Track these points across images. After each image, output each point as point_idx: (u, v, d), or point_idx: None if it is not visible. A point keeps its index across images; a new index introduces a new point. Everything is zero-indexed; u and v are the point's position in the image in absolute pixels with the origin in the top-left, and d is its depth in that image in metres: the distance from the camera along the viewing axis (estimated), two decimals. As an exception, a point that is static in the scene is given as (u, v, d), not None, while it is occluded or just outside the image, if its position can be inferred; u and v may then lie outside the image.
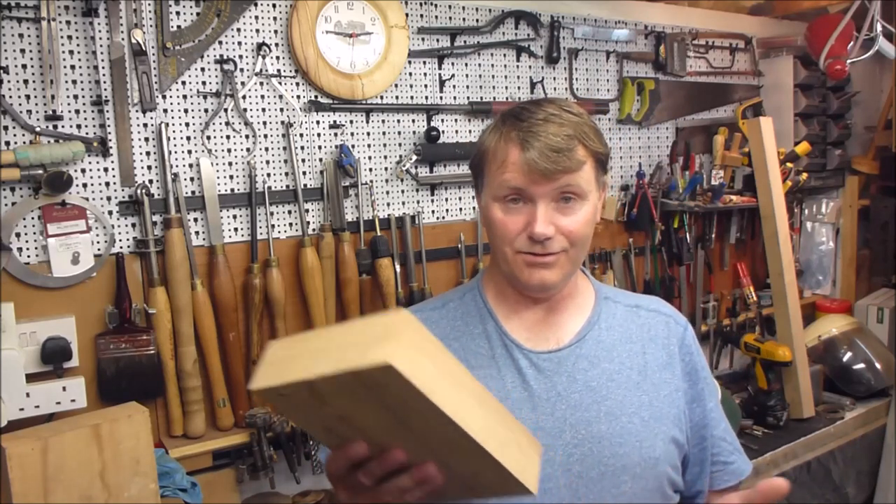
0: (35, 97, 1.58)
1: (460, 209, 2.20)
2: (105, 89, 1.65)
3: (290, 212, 1.92)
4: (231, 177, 1.83)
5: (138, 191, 1.70)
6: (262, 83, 1.86)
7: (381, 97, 2.02)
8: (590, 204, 1.05)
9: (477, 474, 0.83)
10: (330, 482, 0.88)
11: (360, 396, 0.73)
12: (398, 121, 2.07)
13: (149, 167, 1.73)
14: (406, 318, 0.74)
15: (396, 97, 2.06)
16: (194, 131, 1.78)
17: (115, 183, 1.69)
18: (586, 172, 1.03)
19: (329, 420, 0.80)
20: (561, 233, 1.02)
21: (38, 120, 1.59)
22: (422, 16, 2.08)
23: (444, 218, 2.17)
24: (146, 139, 1.72)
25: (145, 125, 1.72)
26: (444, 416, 0.73)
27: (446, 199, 2.17)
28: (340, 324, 0.81)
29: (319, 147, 1.95)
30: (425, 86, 2.11)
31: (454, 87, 2.16)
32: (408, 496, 0.82)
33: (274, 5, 1.85)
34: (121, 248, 1.70)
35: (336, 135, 1.97)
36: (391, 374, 0.68)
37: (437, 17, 2.10)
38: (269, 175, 1.88)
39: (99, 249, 1.67)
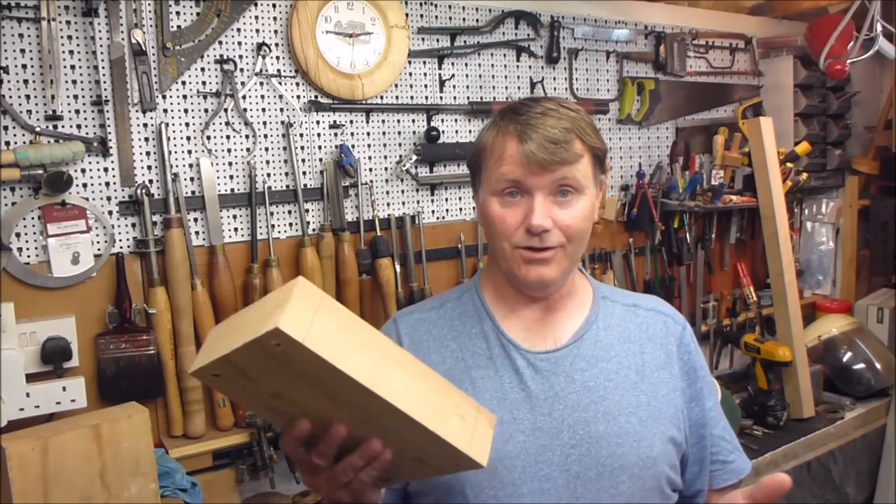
0: (35, 97, 1.58)
1: (460, 209, 2.20)
2: (105, 89, 1.65)
3: (290, 212, 1.92)
4: (231, 177, 1.83)
5: (138, 191, 1.70)
6: (262, 83, 1.86)
7: (381, 97, 2.02)
8: (587, 199, 1.05)
9: (422, 448, 0.82)
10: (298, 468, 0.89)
11: (274, 368, 0.74)
12: (398, 121, 2.07)
13: (149, 167, 1.73)
14: (303, 284, 0.75)
15: (396, 97, 2.06)
16: (194, 131, 1.78)
17: (115, 183, 1.69)
18: (583, 166, 1.04)
19: (267, 398, 0.80)
20: (558, 227, 1.02)
21: (38, 120, 1.59)
22: (422, 16, 2.08)
23: (444, 218, 2.17)
24: (146, 139, 1.72)
25: (145, 125, 1.72)
26: (354, 383, 0.73)
27: (446, 199, 2.17)
28: (262, 298, 0.82)
29: (319, 147, 1.95)
30: (425, 86, 2.11)
31: (454, 87, 2.16)
32: (363, 475, 0.84)
33: (274, 5, 1.85)
34: (121, 248, 1.70)
35: (336, 135, 1.97)
36: (282, 337, 0.69)
37: (437, 17, 2.10)
38: (269, 175, 1.88)
39: (99, 249, 1.67)
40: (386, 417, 0.77)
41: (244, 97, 1.83)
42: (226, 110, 1.81)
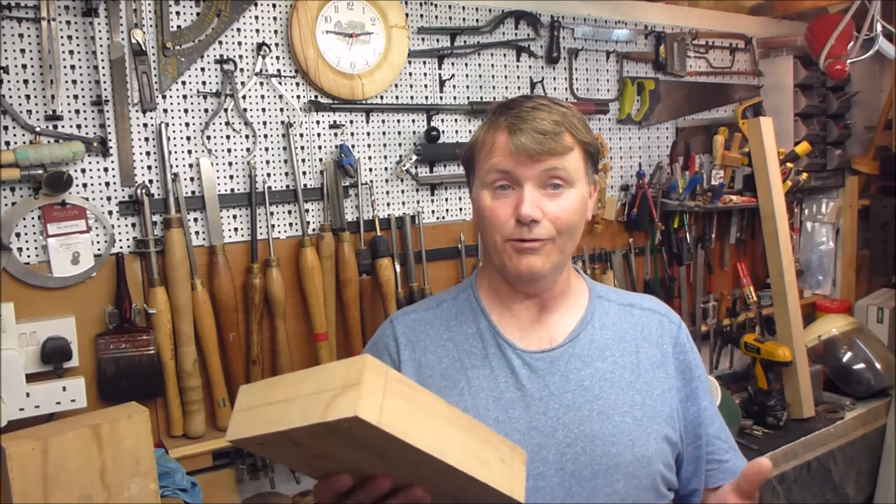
0: (35, 97, 1.58)
1: (460, 209, 2.20)
2: (105, 89, 1.65)
3: (290, 212, 1.92)
4: (231, 177, 1.83)
5: (138, 191, 1.70)
6: (262, 83, 1.86)
7: (381, 97, 2.02)
8: (578, 192, 1.05)
9: (464, 492, 0.84)
10: None
11: (335, 440, 0.74)
12: (398, 121, 2.07)
13: (149, 167, 1.73)
14: (368, 361, 0.74)
15: (396, 97, 2.06)
16: (194, 131, 1.78)
17: (115, 183, 1.69)
18: (574, 159, 1.04)
19: (309, 458, 0.81)
20: (548, 218, 1.03)
21: (38, 120, 1.59)
22: (422, 16, 2.08)
23: (444, 218, 2.17)
24: (146, 139, 1.72)
25: (145, 125, 1.72)
26: (422, 453, 0.74)
27: (446, 199, 2.17)
28: (306, 370, 0.82)
29: (319, 147, 1.95)
30: (425, 86, 2.11)
31: (454, 87, 2.16)
32: None
33: (274, 5, 1.85)
34: (121, 248, 1.70)
35: (336, 135, 1.97)
36: (360, 423, 0.69)
37: (437, 17, 2.10)
38: (269, 175, 1.88)
39: (99, 249, 1.67)
40: (437, 472, 0.79)
41: (244, 97, 1.83)
42: (226, 110, 1.81)
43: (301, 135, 1.92)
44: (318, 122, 1.94)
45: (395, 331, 1.16)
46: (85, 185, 1.66)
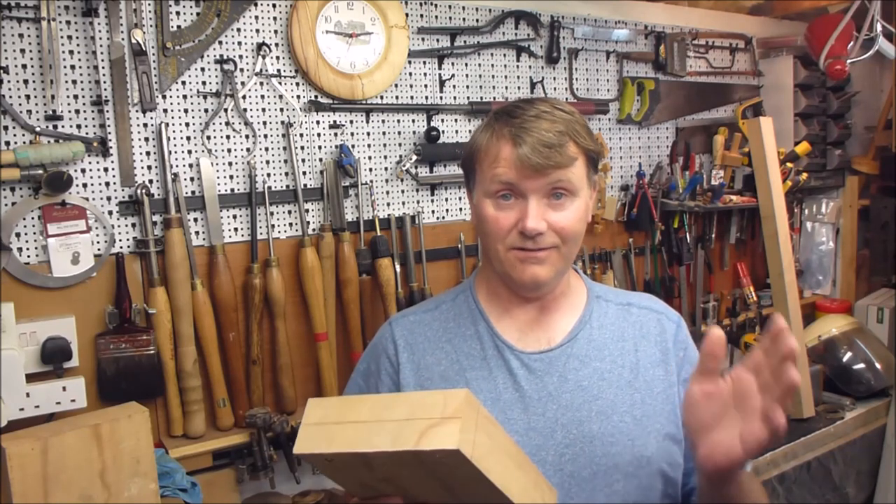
0: (35, 97, 1.58)
1: (460, 209, 2.20)
2: (105, 89, 1.65)
3: (290, 212, 1.92)
4: (231, 177, 1.83)
5: (138, 191, 1.70)
6: (262, 83, 1.86)
7: (381, 97, 2.02)
8: (581, 201, 1.06)
9: None
10: None
11: (413, 467, 0.75)
12: (398, 121, 2.07)
13: (149, 167, 1.73)
14: (467, 396, 0.75)
15: (396, 97, 2.06)
16: (194, 131, 1.78)
17: (115, 183, 1.69)
18: (577, 169, 1.04)
19: (371, 480, 0.81)
20: (552, 229, 1.03)
21: (38, 120, 1.59)
22: (422, 16, 2.08)
23: (444, 218, 2.17)
24: (146, 139, 1.72)
25: (145, 125, 1.72)
26: (493, 489, 0.75)
27: (446, 199, 2.17)
28: (391, 394, 0.82)
29: (319, 147, 1.95)
30: (425, 86, 2.11)
31: (454, 87, 2.16)
32: None
33: (274, 5, 1.85)
34: (121, 248, 1.70)
35: (336, 135, 1.97)
36: (456, 456, 0.70)
37: (437, 17, 2.10)
38: (269, 175, 1.88)
39: (99, 249, 1.67)
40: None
41: (244, 97, 1.83)
42: (226, 110, 1.81)
43: (301, 135, 1.92)
44: (318, 122, 1.94)
45: (394, 333, 1.16)
46: (85, 185, 1.66)
